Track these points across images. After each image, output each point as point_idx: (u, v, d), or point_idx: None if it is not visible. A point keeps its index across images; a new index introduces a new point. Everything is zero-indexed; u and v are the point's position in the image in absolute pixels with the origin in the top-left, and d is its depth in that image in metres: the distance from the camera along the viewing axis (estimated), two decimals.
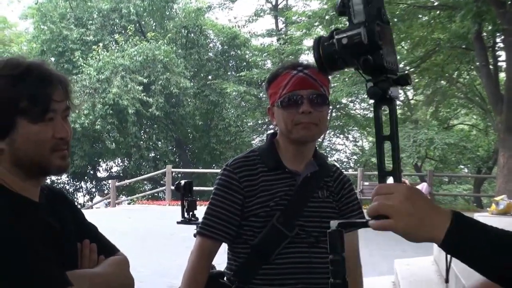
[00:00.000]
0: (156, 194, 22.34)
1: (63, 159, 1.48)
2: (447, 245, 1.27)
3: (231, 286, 2.24)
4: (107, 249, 1.67)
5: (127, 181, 23.47)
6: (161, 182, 22.83)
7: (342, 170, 2.46)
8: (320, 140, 25.74)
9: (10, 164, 1.42)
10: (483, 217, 6.58)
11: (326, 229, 2.35)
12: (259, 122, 29.83)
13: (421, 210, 1.26)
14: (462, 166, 27.48)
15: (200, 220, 2.38)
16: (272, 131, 2.39)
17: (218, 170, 2.42)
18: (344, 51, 1.27)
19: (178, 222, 3.36)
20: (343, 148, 32.46)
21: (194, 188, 3.36)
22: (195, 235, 2.43)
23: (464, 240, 1.26)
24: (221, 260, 2.41)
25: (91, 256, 1.60)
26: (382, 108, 1.30)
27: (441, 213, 1.28)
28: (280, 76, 2.22)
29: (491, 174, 21.84)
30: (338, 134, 31.59)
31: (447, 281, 5.36)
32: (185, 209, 3.29)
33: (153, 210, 17.81)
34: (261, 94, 26.55)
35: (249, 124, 30.39)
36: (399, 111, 26.84)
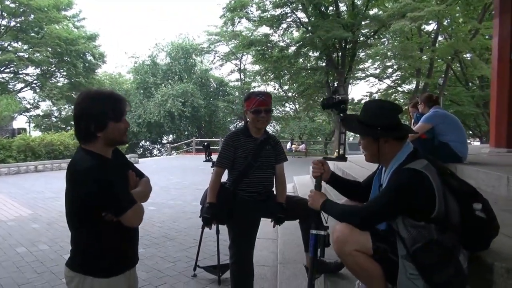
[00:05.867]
0: (188, 150, 21.94)
1: (127, 137, 1.38)
2: (322, 209, 1.55)
3: (230, 189, 2.23)
4: (140, 173, 1.49)
5: (175, 144, 23.09)
6: (190, 145, 22.41)
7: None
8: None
9: (103, 143, 1.31)
10: (329, 161, 6.60)
11: (271, 163, 2.35)
12: (233, 119, 29.46)
13: (315, 198, 1.60)
14: (319, 138, 27.83)
15: (214, 161, 2.34)
16: (244, 122, 2.35)
17: (218, 140, 2.37)
18: (339, 102, 1.81)
19: (204, 161, 3.34)
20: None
21: None
22: (212, 166, 2.40)
23: (327, 208, 1.54)
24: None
25: (134, 179, 1.44)
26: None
27: (322, 198, 1.57)
28: (251, 98, 2.19)
29: (331, 140, 22.28)
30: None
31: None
32: (206, 154, 3.26)
33: (187, 157, 17.56)
34: (233, 107, 26.16)
35: (227, 120, 29.96)
36: (292, 114, 26.66)
